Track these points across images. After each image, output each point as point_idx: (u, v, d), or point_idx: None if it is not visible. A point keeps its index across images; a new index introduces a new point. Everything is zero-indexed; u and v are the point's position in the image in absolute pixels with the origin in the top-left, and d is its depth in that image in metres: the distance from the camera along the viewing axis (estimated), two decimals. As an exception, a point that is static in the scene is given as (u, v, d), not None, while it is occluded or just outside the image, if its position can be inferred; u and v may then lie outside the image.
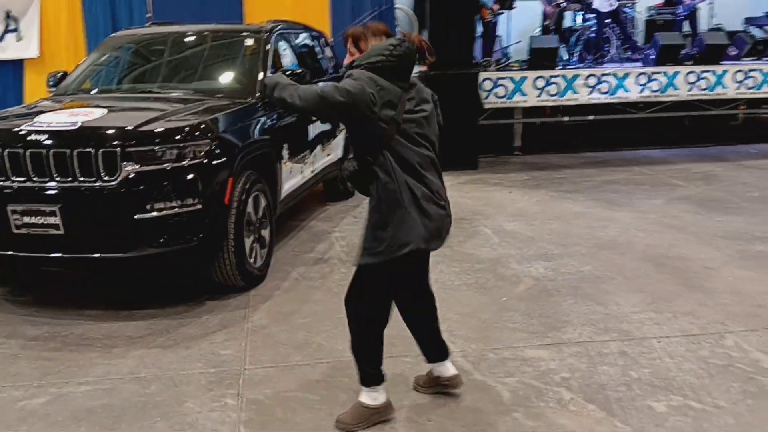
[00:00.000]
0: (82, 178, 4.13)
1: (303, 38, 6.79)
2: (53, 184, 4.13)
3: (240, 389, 3.51)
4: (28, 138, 4.18)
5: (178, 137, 4.24)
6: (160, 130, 4.26)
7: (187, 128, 4.32)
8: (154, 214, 4.18)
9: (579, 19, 10.94)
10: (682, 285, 4.77)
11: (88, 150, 4.10)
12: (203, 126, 4.40)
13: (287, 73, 5.48)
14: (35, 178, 4.15)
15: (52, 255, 4.24)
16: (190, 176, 4.26)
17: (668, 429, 3.07)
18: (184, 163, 4.24)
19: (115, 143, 4.13)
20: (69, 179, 4.13)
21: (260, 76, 5.45)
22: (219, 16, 8.43)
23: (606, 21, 10.29)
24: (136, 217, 4.16)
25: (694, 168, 8.82)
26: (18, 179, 4.17)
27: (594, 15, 10.33)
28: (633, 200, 7.16)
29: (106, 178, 4.12)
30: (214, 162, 4.38)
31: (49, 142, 4.14)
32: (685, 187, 7.76)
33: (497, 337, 4.01)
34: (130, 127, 4.24)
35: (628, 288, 4.74)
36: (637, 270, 5.08)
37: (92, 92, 5.55)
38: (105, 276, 5.11)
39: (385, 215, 2.87)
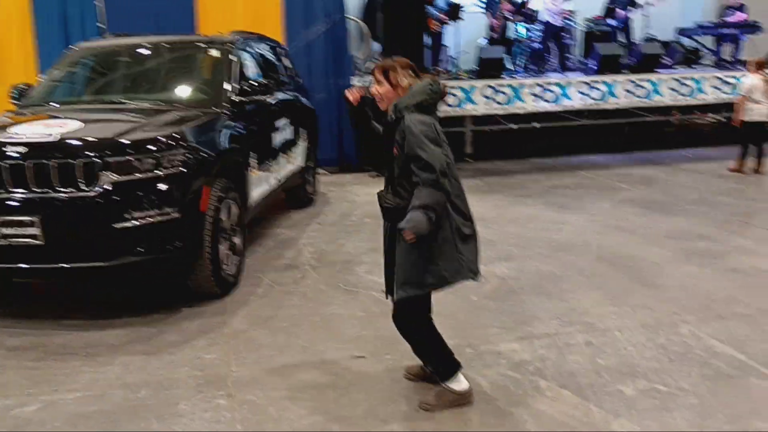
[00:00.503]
0: (61, 189, 4.16)
1: (263, 49, 6.90)
2: (32, 195, 4.15)
3: (230, 390, 3.61)
4: (6, 150, 4.19)
5: (157, 147, 4.32)
6: (139, 140, 4.34)
7: (165, 138, 4.40)
8: (134, 222, 4.24)
9: (522, 30, 11.35)
10: (635, 281, 5.09)
11: (68, 161, 4.15)
12: (180, 136, 4.49)
13: (252, 83, 5.63)
14: (13, 190, 4.15)
15: (32, 266, 4.24)
16: (168, 185, 4.34)
17: (639, 410, 3.32)
18: (162, 172, 4.33)
19: (95, 154, 4.19)
20: (48, 190, 4.16)
21: (226, 86, 5.54)
22: (172, 27, 8.43)
23: (554, 33, 10.74)
24: (116, 226, 4.21)
25: (635, 172, 9.29)
26: (-4, 191, 4.17)
27: (539, 27, 10.74)
28: (582, 203, 7.52)
29: (85, 188, 4.17)
30: (191, 171, 4.47)
31: (28, 153, 4.16)
32: (628, 190, 8.18)
33: (472, 333, 4.22)
34: (109, 138, 4.31)
35: (586, 285, 5.03)
36: (593, 268, 5.38)
37: (60, 104, 5.52)
38: (85, 285, 5.11)
39: (434, 249, 3.07)
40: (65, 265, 4.25)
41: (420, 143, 2.98)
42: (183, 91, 5.66)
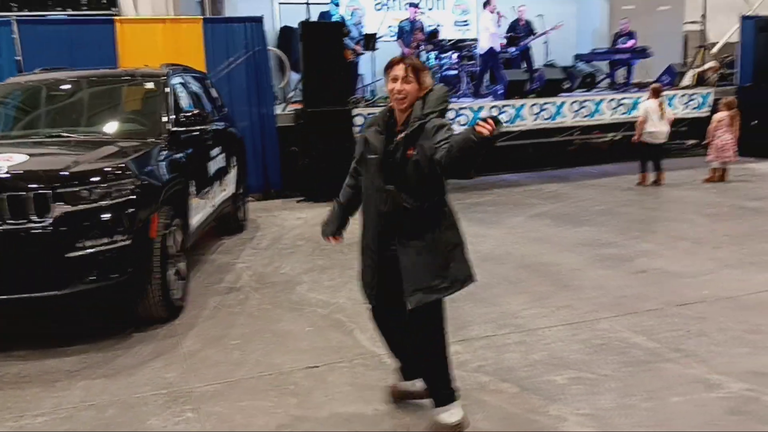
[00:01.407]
0: (12, 221, 4.25)
1: (193, 81, 7.09)
2: (-17, 227, 4.22)
3: (196, 404, 3.80)
4: (-46, 184, 4.24)
5: (106, 177, 4.48)
6: (88, 171, 4.48)
7: (113, 168, 4.56)
8: (87, 251, 4.37)
9: (432, 58, 11.98)
10: (556, 285, 5.59)
11: (19, 193, 4.25)
12: (129, 166, 4.66)
13: (188, 114, 5.85)
14: (-37, 223, 4.21)
15: (-16, 297, 4.30)
16: (118, 214, 4.50)
17: (571, 395, 3.75)
18: (113, 201, 4.48)
19: (45, 185, 4.30)
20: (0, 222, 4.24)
21: (164, 117, 5.72)
22: (93, 60, 8.47)
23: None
24: (68, 255, 4.33)
25: (544, 188, 9.97)
26: (-55, 225, 4.21)
27: (450, 55, 11.37)
28: (500, 218, 8.06)
29: (37, 219, 4.28)
30: (141, 199, 4.63)
31: (-24, 187, 4.24)
32: (540, 205, 8.80)
33: (415, 339, 4.56)
34: (59, 170, 4.43)
35: (513, 291, 5.49)
36: (517, 276, 5.86)
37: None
38: (37, 314, 5.14)
39: (448, 253, 3.18)
40: (18, 296, 4.33)
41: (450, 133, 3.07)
42: (122, 123, 5.79)
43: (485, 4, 11.76)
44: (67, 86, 6.03)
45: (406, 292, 3.19)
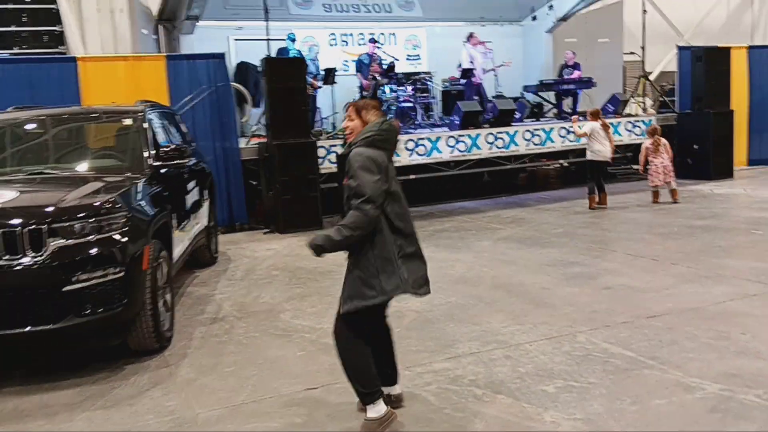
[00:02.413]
0: (7, 256, 4.29)
1: (164, 116, 7.19)
2: (-21, 264, 4.24)
3: (202, 429, 3.89)
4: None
5: (100, 211, 4.57)
6: (82, 205, 4.56)
7: (106, 203, 4.65)
8: (83, 284, 4.43)
9: (388, 90, 12.31)
10: (530, 303, 5.86)
11: (14, 229, 4.29)
12: (119, 200, 4.74)
13: (164, 149, 5.96)
14: (-44, 260, 4.23)
15: (-21, 333, 4.30)
16: (112, 247, 4.58)
17: (562, 403, 3.98)
18: (106, 234, 4.56)
19: (39, 221, 4.36)
20: (-5, 258, 4.27)
21: (145, 153, 5.81)
22: (55, 98, 8.44)
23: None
24: (63, 289, 4.38)
25: (504, 214, 10.33)
26: (-61, 262, 4.22)
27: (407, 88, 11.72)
28: (466, 243, 8.34)
29: (32, 254, 4.33)
30: (133, 232, 4.72)
31: (-30, 224, 4.27)
32: (503, 229, 9.13)
33: (406, 359, 4.71)
34: (51, 206, 4.49)
35: (490, 310, 5.73)
36: (492, 296, 6.11)
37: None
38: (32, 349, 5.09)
39: (376, 267, 3.49)
40: (13, 331, 4.34)
41: (354, 172, 3.43)
42: (105, 159, 5.87)
43: (468, 38, 12.36)
44: (46, 124, 6.06)
45: (342, 298, 3.62)
